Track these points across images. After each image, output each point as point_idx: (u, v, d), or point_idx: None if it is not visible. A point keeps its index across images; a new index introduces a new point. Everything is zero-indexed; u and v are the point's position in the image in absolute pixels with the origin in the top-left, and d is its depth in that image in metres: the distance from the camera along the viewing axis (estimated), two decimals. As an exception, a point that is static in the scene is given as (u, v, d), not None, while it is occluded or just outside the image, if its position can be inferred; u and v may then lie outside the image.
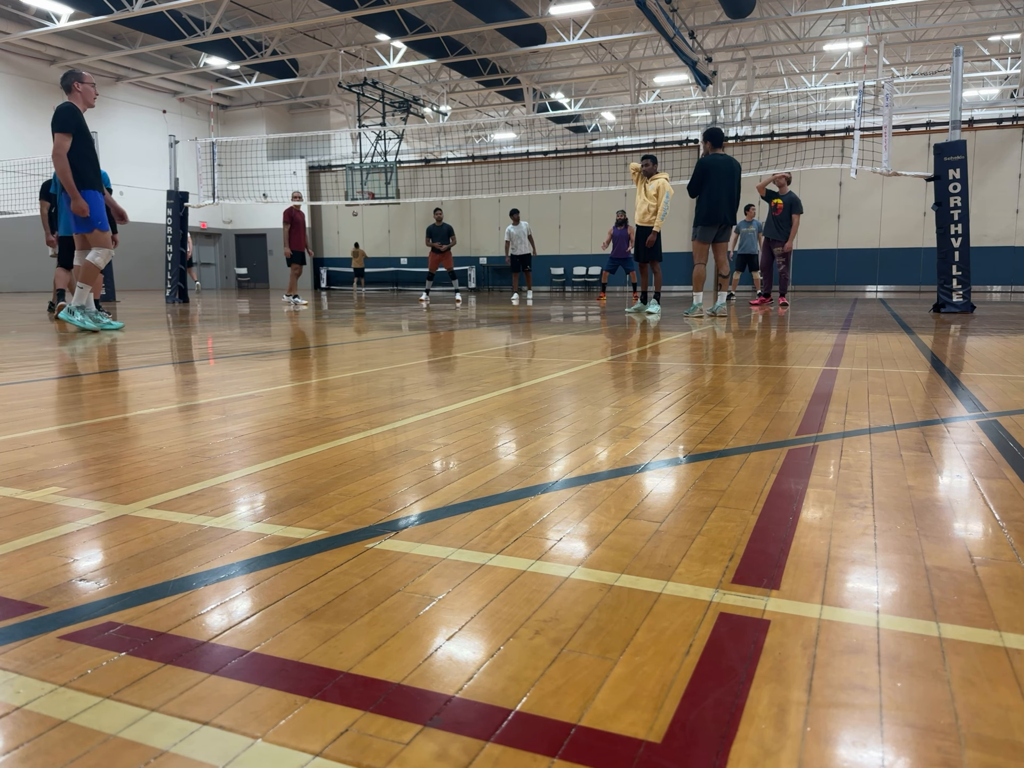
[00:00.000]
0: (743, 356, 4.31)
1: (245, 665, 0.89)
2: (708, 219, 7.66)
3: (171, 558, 1.23)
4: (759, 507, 1.49)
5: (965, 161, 8.69)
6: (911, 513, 1.46)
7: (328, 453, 1.97)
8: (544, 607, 1.04)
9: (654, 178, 8.91)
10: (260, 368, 3.87)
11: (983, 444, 2.05)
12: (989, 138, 17.07)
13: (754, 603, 1.05)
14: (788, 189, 9.98)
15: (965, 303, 8.78)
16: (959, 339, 5.42)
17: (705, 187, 7.61)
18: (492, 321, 7.89)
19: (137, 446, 2.06)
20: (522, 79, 22.10)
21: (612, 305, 11.77)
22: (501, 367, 3.87)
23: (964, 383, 3.19)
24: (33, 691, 0.84)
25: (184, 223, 13.06)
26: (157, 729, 0.76)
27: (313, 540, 1.31)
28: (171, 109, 23.67)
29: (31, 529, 1.37)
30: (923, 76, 21.92)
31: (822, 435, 2.16)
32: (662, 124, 24.62)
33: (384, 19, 16.96)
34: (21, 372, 3.64)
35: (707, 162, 7.60)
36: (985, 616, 1.01)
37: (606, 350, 4.71)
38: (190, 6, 16.70)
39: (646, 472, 1.77)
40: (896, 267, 18.19)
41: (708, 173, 7.55)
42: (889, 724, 0.77)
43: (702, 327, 6.65)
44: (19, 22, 17.77)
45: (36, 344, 5.14)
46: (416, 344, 5.28)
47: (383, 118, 20.82)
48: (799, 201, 9.90)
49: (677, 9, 15.32)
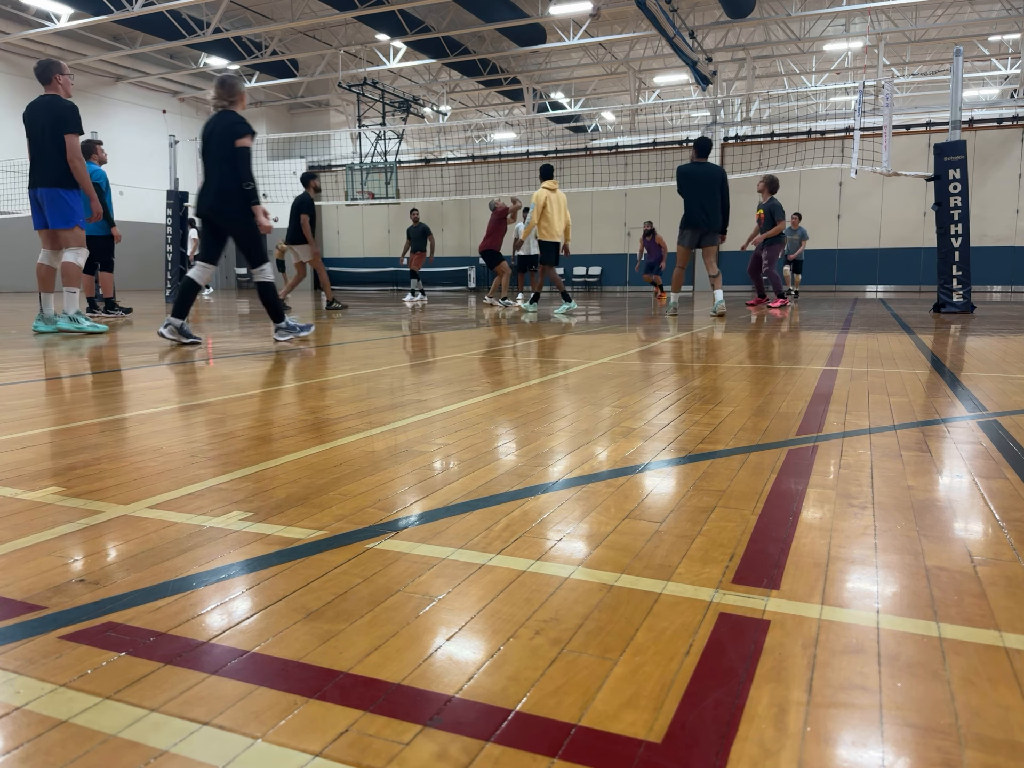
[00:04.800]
0: (743, 356, 4.31)
1: (245, 665, 0.89)
2: (684, 223, 8.09)
3: (171, 558, 1.23)
4: (759, 507, 1.49)
5: (965, 161, 8.69)
6: (911, 513, 1.46)
7: (328, 453, 1.97)
8: (544, 607, 1.04)
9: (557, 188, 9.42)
10: (260, 368, 3.86)
11: (983, 444, 2.05)
12: (989, 138, 17.07)
13: (754, 603, 1.05)
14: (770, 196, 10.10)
15: (965, 303, 8.77)
16: (959, 339, 5.41)
17: (684, 193, 8.04)
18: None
19: (137, 446, 2.06)
20: (522, 79, 22.10)
21: (616, 305, 11.77)
22: (501, 367, 3.87)
23: (964, 383, 3.19)
24: (33, 691, 0.83)
25: (184, 223, 13.06)
26: (157, 729, 0.76)
27: (313, 540, 1.31)
28: (171, 109, 23.67)
29: (31, 529, 1.37)
30: (923, 76, 21.91)
31: (822, 435, 2.16)
32: (662, 124, 24.61)
33: (384, 19, 16.95)
34: (21, 372, 3.64)
35: (683, 170, 8.07)
36: (985, 616, 1.01)
37: (606, 349, 4.71)
38: (190, 6, 16.69)
39: (646, 472, 1.77)
40: (896, 267, 18.19)
41: (684, 181, 8.01)
42: (889, 724, 0.77)
43: (703, 327, 6.65)
44: (19, 22, 17.77)
45: (36, 344, 5.14)
46: (415, 345, 5.28)
47: (383, 118, 20.82)
48: (780, 207, 10.11)
49: (677, 9, 15.31)
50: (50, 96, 5.63)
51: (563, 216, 9.49)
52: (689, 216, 8.04)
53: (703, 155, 8.16)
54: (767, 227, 9.99)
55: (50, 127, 5.54)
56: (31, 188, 5.68)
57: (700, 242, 8.14)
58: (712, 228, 8.03)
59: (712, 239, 8.14)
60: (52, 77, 5.62)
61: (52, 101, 5.60)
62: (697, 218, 7.98)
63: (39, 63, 5.66)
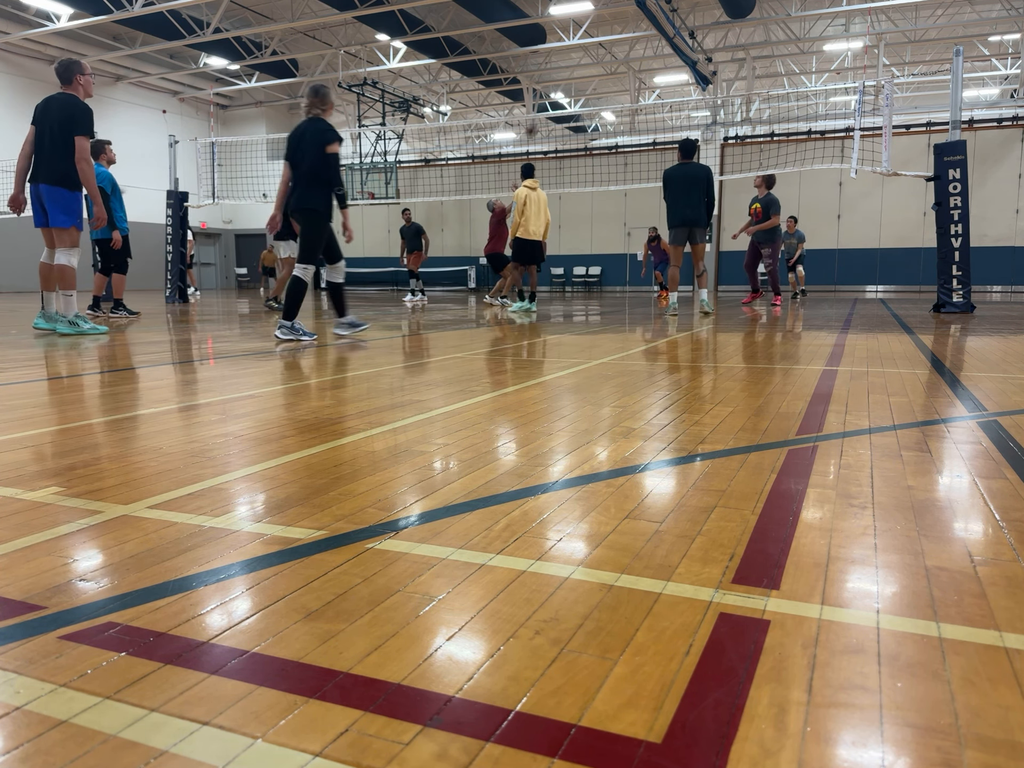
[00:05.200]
0: (743, 356, 4.31)
1: (245, 665, 0.89)
2: (669, 222, 8.45)
3: (171, 558, 1.23)
4: (759, 507, 1.49)
5: (965, 161, 8.69)
6: (911, 513, 1.46)
7: (328, 453, 1.97)
8: (544, 607, 1.04)
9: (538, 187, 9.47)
10: (260, 368, 3.86)
11: (983, 444, 2.05)
12: (989, 138, 17.07)
13: (754, 603, 1.05)
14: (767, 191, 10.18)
15: (965, 303, 8.77)
16: (959, 339, 5.41)
17: (667, 194, 8.43)
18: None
19: (137, 446, 2.06)
20: (522, 79, 22.10)
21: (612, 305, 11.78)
22: (501, 367, 3.87)
23: (964, 383, 3.19)
24: (33, 691, 0.83)
25: (184, 223, 13.06)
26: (157, 729, 0.76)
27: (313, 540, 1.31)
28: (171, 109, 23.67)
29: (31, 529, 1.37)
30: (923, 76, 21.91)
31: (822, 435, 2.16)
32: (662, 124, 24.60)
33: (384, 19, 16.95)
34: (21, 372, 3.64)
35: (666, 173, 8.45)
36: (985, 616, 1.01)
37: (606, 349, 4.71)
38: (190, 6, 16.69)
39: (646, 472, 1.77)
40: (896, 267, 18.19)
41: (667, 183, 8.41)
42: (889, 724, 0.77)
43: (702, 327, 6.65)
44: (19, 22, 17.76)
45: (37, 345, 5.14)
46: (415, 345, 5.28)
47: (383, 118, 20.81)
48: (776, 202, 10.28)
49: (677, 9, 15.31)
50: (67, 95, 5.56)
51: (542, 215, 9.49)
52: (673, 215, 8.38)
53: (687, 156, 8.44)
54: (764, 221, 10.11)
55: (61, 126, 5.47)
56: (32, 182, 5.58)
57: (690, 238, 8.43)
58: (698, 224, 8.33)
59: (700, 236, 8.43)
60: (73, 77, 5.58)
61: (68, 99, 5.53)
62: (680, 215, 8.32)
63: (60, 62, 5.60)
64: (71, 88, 5.60)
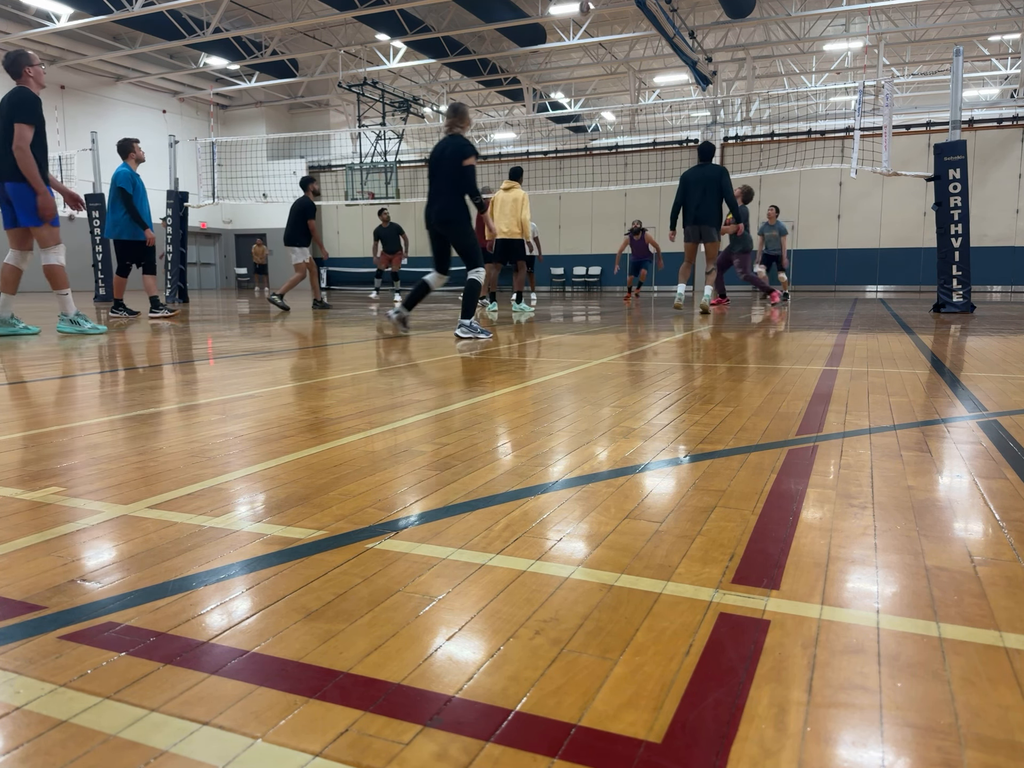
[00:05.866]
0: (743, 356, 4.31)
1: (245, 665, 0.89)
2: (684, 222, 8.91)
3: (171, 558, 1.23)
4: (759, 507, 1.49)
5: (965, 161, 8.69)
6: (911, 513, 1.46)
7: (328, 453, 1.97)
8: (544, 607, 1.04)
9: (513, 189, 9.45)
10: (260, 368, 3.86)
11: (983, 444, 2.05)
12: (989, 138, 17.07)
13: (754, 603, 1.05)
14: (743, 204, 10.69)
15: (965, 303, 8.77)
16: (959, 339, 5.42)
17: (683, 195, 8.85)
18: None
19: (137, 446, 2.06)
20: (522, 79, 22.10)
21: (609, 305, 11.78)
22: (501, 367, 3.87)
23: (964, 383, 3.19)
24: (33, 691, 0.83)
25: (184, 223, 13.07)
26: (157, 729, 0.76)
27: (313, 540, 1.31)
28: (171, 109, 23.66)
29: (31, 529, 1.37)
30: (923, 76, 21.91)
31: (822, 435, 2.16)
32: (662, 124, 24.61)
33: (384, 19, 16.96)
34: (21, 372, 3.64)
35: (684, 175, 8.90)
36: (985, 616, 1.01)
37: (606, 350, 4.71)
38: (190, 6, 16.70)
39: (646, 472, 1.77)
40: (896, 267, 18.19)
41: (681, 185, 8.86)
42: (889, 724, 0.77)
43: (702, 327, 6.65)
44: (19, 22, 17.76)
45: (36, 344, 5.14)
46: (415, 344, 5.28)
47: (383, 118, 20.82)
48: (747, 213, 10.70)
49: (677, 9, 15.32)
50: (16, 88, 5.39)
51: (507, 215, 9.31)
52: (686, 215, 8.81)
53: (705, 159, 8.76)
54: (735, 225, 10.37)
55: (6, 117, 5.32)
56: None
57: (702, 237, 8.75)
58: (708, 223, 8.64)
59: (709, 235, 8.70)
60: (22, 70, 5.40)
61: (15, 92, 5.36)
62: (691, 215, 8.73)
63: (6, 55, 5.43)
64: (21, 81, 5.43)
